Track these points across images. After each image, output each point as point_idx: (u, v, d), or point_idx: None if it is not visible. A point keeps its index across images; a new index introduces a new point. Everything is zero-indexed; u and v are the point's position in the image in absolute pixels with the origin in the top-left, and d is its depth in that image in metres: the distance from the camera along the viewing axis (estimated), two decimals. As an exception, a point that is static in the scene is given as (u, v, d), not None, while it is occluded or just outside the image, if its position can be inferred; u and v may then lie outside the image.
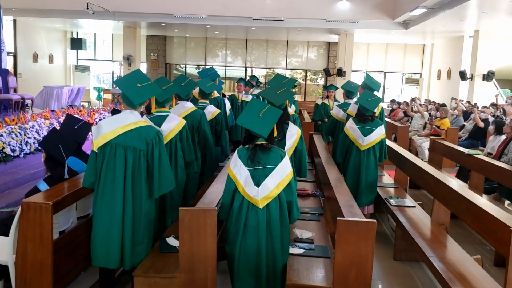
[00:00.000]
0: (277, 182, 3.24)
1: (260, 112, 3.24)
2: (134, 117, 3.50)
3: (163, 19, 15.37)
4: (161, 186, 3.50)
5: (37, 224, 3.26)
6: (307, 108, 14.98)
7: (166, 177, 3.51)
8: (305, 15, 14.65)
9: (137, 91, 3.45)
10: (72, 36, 20.60)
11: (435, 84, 19.41)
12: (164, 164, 3.50)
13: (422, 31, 16.01)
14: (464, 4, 10.86)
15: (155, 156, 3.46)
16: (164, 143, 3.65)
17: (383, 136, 5.63)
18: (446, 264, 3.75)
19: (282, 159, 3.28)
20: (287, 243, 3.41)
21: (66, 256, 3.75)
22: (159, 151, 3.48)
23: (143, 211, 3.49)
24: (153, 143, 3.46)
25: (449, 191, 4.43)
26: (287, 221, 3.37)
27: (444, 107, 10.90)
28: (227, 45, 21.39)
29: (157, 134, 3.52)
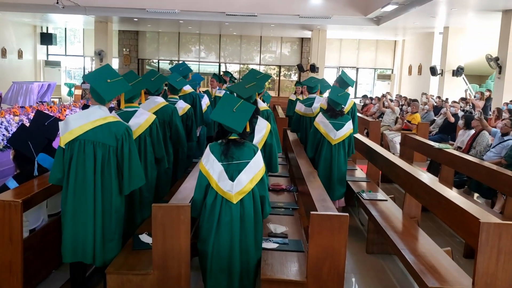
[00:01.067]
0: (251, 177, 3.24)
1: (234, 107, 3.24)
2: (103, 112, 3.44)
3: (135, 14, 15.16)
4: (131, 182, 3.47)
5: (6, 223, 3.19)
6: (281, 103, 15.06)
7: (136, 173, 3.48)
8: (278, 11, 14.67)
9: (107, 87, 3.39)
10: (42, 31, 20.15)
11: (406, 80, 19.71)
12: (134, 160, 3.47)
13: (393, 27, 16.23)
14: (434, 0, 11.04)
15: (124, 152, 3.42)
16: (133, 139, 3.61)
17: (351, 130, 5.72)
18: (417, 256, 3.82)
19: (255, 154, 3.30)
20: (261, 238, 3.43)
21: (37, 254, 3.67)
22: (129, 147, 3.44)
23: (113, 207, 3.45)
24: (123, 139, 3.41)
25: (420, 184, 4.52)
26: (260, 216, 3.38)
27: (415, 102, 11.09)
28: (201, 40, 21.26)
29: (127, 129, 3.48)
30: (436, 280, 3.31)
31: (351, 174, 6.73)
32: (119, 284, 3.15)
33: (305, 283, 3.17)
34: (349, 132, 5.67)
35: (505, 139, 6.62)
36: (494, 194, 6.18)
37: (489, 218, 3.14)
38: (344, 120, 5.64)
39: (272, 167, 4.25)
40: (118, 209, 3.49)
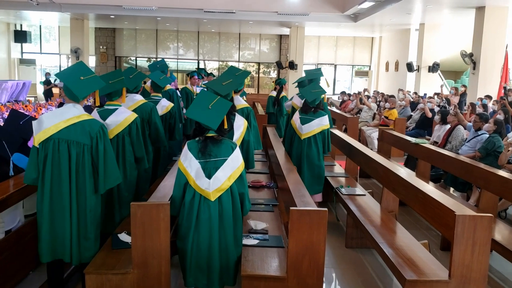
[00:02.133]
0: (229, 174, 3.24)
1: (209, 104, 3.22)
2: (76, 110, 3.37)
3: (112, 11, 14.98)
4: (107, 181, 3.42)
5: (-20, 224, 3.14)
6: (260, 100, 15.07)
7: (112, 172, 3.44)
8: (256, 8, 14.68)
9: (80, 84, 3.33)
10: (16, 28, 19.76)
11: (383, 76, 19.94)
12: (109, 158, 3.42)
13: (370, 24, 16.39)
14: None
15: (99, 150, 3.36)
16: (109, 137, 3.55)
17: (324, 127, 5.67)
18: (395, 249, 3.88)
19: (233, 150, 3.29)
20: (241, 236, 3.43)
21: (13, 256, 3.62)
22: (104, 145, 3.39)
23: (88, 206, 3.39)
24: (97, 137, 3.36)
25: (397, 179, 4.58)
26: (240, 213, 3.38)
27: (393, 98, 11.24)
28: (179, 38, 21.13)
29: (101, 127, 3.41)
30: (414, 272, 3.36)
31: (329, 169, 6.77)
32: (98, 284, 3.12)
33: (285, 278, 3.19)
34: (320, 128, 5.65)
35: (479, 133, 6.75)
36: (469, 187, 6.31)
37: (464, 210, 3.21)
38: (315, 116, 5.67)
39: (249, 164, 4.27)
40: (92, 208, 3.43)
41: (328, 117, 5.79)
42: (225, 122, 3.31)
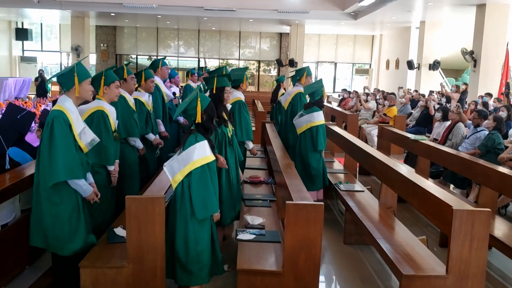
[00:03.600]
0: (181, 168, 3.19)
1: (187, 97, 3.29)
2: (58, 101, 3.37)
3: (113, 9, 14.96)
4: (47, 174, 3.20)
5: (-25, 218, 3.12)
6: (260, 98, 15.07)
7: (52, 165, 3.18)
8: (256, 6, 14.65)
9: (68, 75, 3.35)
10: (17, 26, 19.76)
11: (384, 74, 19.90)
12: (52, 151, 3.19)
13: (371, 22, 16.35)
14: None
15: (43, 140, 3.24)
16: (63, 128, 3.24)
17: (313, 124, 5.55)
18: (392, 245, 3.86)
19: (192, 145, 3.21)
20: (193, 238, 3.22)
21: (9, 250, 3.61)
22: (49, 135, 3.20)
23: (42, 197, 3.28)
24: (46, 126, 3.25)
25: (395, 174, 4.55)
26: (187, 212, 3.21)
27: (392, 95, 11.21)
28: (180, 36, 21.11)
29: (53, 118, 3.23)
30: (411, 267, 3.35)
31: (328, 166, 6.75)
32: (93, 278, 3.10)
33: (281, 273, 3.18)
34: (309, 124, 5.57)
35: (478, 130, 6.73)
36: (468, 184, 6.28)
37: (462, 205, 3.19)
38: (307, 112, 5.65)
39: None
40: (53, 202, 3.27)
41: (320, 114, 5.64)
42: (198, 115, 3.27)
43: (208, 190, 3.18)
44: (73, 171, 3.23)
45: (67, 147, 3.22)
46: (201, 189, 3.16)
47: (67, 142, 3.23)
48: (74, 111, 3.36)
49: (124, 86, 4.67)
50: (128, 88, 4.76)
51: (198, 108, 3.26)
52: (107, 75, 4.07)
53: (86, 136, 3.42)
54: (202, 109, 3.27)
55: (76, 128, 3.33)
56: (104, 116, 3.94)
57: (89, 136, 3.43)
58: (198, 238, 3.23)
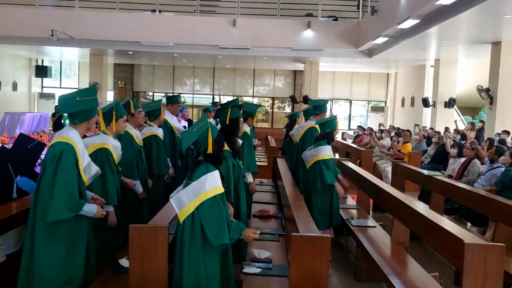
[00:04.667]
0: (193, 198, 3.05)
1: (196, 127, 3.20)
2: (62, 132, 3.30)
3: (130, 47, 15.31)
4: (50, 209, 3.08)
5: (-21, 245, 3.11)
6: (274, 134, 15.12)
7: (55, 201, 3.07)
8: (270, 44, 14.85)
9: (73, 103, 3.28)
10: (37, 63, 20.32)
11: (399, 111, 19.85)
12: (56, 186, 3.09)
13: (385, 60, 16.44)
14: (423, 33, 11.21)
15: (46, 174, 3.14)
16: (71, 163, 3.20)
17: (318, 158, 5.46)
18: (404, 282, 3.74)
19: (203, 175, 3.10)
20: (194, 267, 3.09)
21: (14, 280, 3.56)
22: (54, 169, 3.12)
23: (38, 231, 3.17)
24: (51, 159, 3.16)
25: (407, 208, 4.45)
26: (200, 242, 3.08)
27: (406, 132, 11.14)
28: (195, 74, 21.47)
29: (61, 151, 3.16)
30: (423, 305, 3.22)
31: (341, 202, 6.64)
32: (95, 309, 3.05)
33: (287, 308, 3.08)
34: (314, 159, 5.47)
35: (494, 166, 6.60)
36: (485, 221, 6.12)
37: (473, 239, 3.09)
38: (315, 145, 5.59)
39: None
40: (41, 239, 3.15)
41: (327, 148, 5.55)
42: (209, 146, 3.17)
43: (223, 219, 3.04)
44: (76, 207, 3.15)
45: (72, 183, 3.16)
46: (215, 219, 3.02)
47: (72, 179, 3.17)
48: (81, 144, 3.33)
49: (132, 121, 4.65)
50: (136, 122, 4.74)
51: (209, 138, 3.17)
52: (118, 109, 4.09)
53: (90, 170, 3.39)
54: (212, 139, 3.20)
55: (82, 163, 3.29)
56: (108, 155, 3.91)
57: (93, 170, 3.40)
58: (209, 274, 3.08)
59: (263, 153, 12.25)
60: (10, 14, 14.14)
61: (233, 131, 4.20)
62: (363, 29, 14.43)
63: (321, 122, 5.61)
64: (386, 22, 12.04)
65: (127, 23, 14.51)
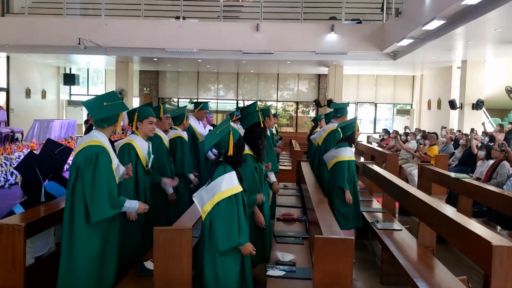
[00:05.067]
0: (210, 197, 3.18)
1: (218, 130, 3.32)
2: (92, 136, 3.39)
3: (155, 54, 15.51)
4: (93, 211, 3.21)
5: (9, 247, 3.19)
6: (298, 138, 15.09)
7: (97, 202, 3.20)
8: (294, 48, 14.84)
9: (101, 108, 3.39)
10: (65, 71, 20.76)
11: (425, 114, 19.55)
12: (96, 187, 3.21)
13: (411, 62, 16.23)
14: (449, 34, 11.03)
15: (87, 176, 3.23)
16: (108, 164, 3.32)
17: (338, 159, 5.50)
18: (431, 285, 3.67)
19: (220, 175, 3.22)
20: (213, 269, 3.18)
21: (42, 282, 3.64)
22: (93, 172, 3.22)
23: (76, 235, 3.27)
24: (88, 162, 3.25)
25: (434, 212, 4.38)
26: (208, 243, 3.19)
27: (432, 135, 10.96)
28: (219, 79, 21.61)
29: (97, 154, 3.28)
30: (450, 308, 3.16)
31: (366, 205, 6.60)
32: (120, 310, 3.09)
33: (310, 310, 3.06)
34: (334, 160, 5.53)
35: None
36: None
37: (502, 241, 3.01)
38: (336, 147, 5.66)
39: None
40: (82, 239, 3.26)
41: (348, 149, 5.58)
42: (230, 148, 3.30)
43: (233, 221, 3.14)
44: (117, 205, 3.30)
45: (111, 183, 3.30)
46: (225, 219, 3.13)
47: (111, 179, 3.31)
48: (109, 146, 3.45)
49: (159, 125, 4.78)
50: (161, 127, 4.88)
51: (231, 141, 3.30)
52: (141, 111, 4.20)
53: (119, 171, 3.51)
54: (233, 141, 3.31)
55: (114, 163, 3.42)
56: (131, 149, 4.04)
57: (121, 170, 3.52)
58: (226, 272, 3.17)
59: (288, 157, 12.23)
60: (38, 24, 14.51)
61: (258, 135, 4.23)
62: (388, 31, 14.30)
63: (342, 126, 5.62)
64: (410, 24, 11.90)
65: (152, 31, 14.73)
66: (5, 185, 6.51)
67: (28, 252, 3.57)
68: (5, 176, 6.52)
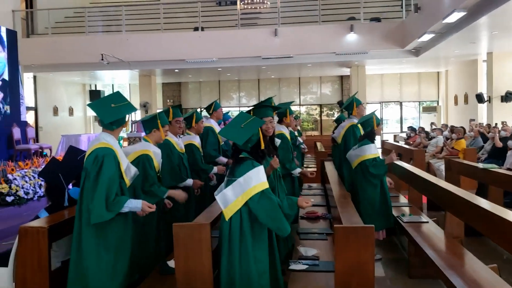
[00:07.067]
0: (239, 194, 3.08)
1: (242, 124, 3.21)
2: (100, 138, 3.40)
3: (176, 65, 15.73)
4: (91, 213, 3.19)
5: (34, 249, 3.26)
6: (322, 141, 14.99)
7: (96, 204, 3.17)
8: (313, 50, 14.78)
9: (109, 110, 3.37)
10: (91, 88, 21.21)
11: (453, 110, 19.18)
12: (97, 189, 3.19)
13: (434, 58, 15.96)
14: (472, 25, 10.80)
15: (90, 177, 3.23)
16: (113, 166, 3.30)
17: (364, 158, 5.34)
18: (461, 275, 3.57)
19: (249, 170, 3.11)
20: (246, 263, 3.11)
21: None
22: (97, 173, 3.21)
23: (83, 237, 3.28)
24: (93, 164, 3.24)
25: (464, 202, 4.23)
26: (249, 238, 3.12)
27: (459, 128, 10.74)
28: (240, 87, 21.71)
29: (104, 156, 3.26)
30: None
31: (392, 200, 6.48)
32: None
33: (334, 302, 3.01)
34: (359, 159, 5.37)
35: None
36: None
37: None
38: (359, 145, 5.48)
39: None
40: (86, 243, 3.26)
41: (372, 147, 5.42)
42: (261, 142, 3.23)
43: (276, 207, 3.08)
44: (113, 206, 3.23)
45: (112, 186, 3.24)
46: (268, 208, 3.06)
47: (113, 181, 3.26)
48: (118, 147, 3.44)
49: (170, 129, 4.70)
50: (172, 131, 4.83)
51: (261, 135, 3.25)
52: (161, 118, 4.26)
53: (130, 172, 3.50)
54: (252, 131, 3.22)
55: (123, 165, 3.40)
56: (150, 160, 4.07)
57: (132, 171, 3.51)
58: (260, 270, 3.11)
59: (312, 159, 12.18)
60: (62, 43, 14.91)
61: None
62: (408, 28, 14.12)
63: (361, 121, 5.51)
64: (430, 18, 11.72)
65: (172, 43, 14.94)
66: (34, 197, 6.65)
67: (54, 256, 3.63)
68: (33, 189, 6.66)
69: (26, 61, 14.55)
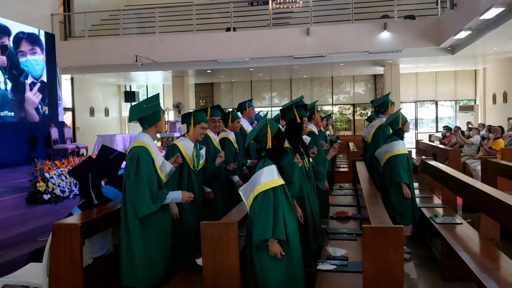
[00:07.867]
0: (251, 191, 3.27)
1: (258, 125, 3.44)
2: (138, 137, 3.64)
3: (208, 66, 15.85)
4: (138, 207, 3.44)
5: (67, 246, 3.34)
6: (355, 141, 14.85)
7: (142, 198, 3.42)
8: (346, 49, 14.64)
9: (140, 110, 3.61)
10: (126, 89, 21.63)
11: (491, 109, 18.64)
12: (139, 184, 3.43)
13: (471, 55, 15.54)
14: (510, 21, 10.47)
15: (130, 175, 3.48)
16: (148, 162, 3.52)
17: (391, 154, 5.40)
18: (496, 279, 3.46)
19: (260, 169, 3.30)
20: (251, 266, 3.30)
21: (101, 282, 3.78)
22: (135, 169, 3.46)
23: (131, 230, 3.53)
24: (130, 161, 3.50)
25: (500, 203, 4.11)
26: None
27: (497, 128, 10.42)
28: (272, 87, 21.70)
29: (139, 154, 3.50)
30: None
31: (426, 201, 6.39)
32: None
33: (362, 302, 2.97)
34: (387, 155, 5.43)
35: None
36: None
37: None
38: (388, 141, 5.53)
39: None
40: (136, 233, 3.50)
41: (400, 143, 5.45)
42: (268, 141, 3.37)
43: (267, 214, 3.14)
44: (158, 199, 3.46)
45: (151, 179, 3.47)
46: (260, 212, 3.16)
47: (151, 175, 3.48)
48: (153, 146, 3.64)
49: (209, 126, 4.96)
50: (210, 128, 5.13)
51: (268, 134, 3.37)
52: (195, 116, 4.35)
53: (165, 168, 3.66)
54: (271, 135, 3.37)
55: (157, 162, 3.59)
56: (174, 149, 4.23)
57: (168, 168, 3.67)
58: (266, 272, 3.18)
59: (345, 159, 12.08)
60: (98, 45, 15.27)
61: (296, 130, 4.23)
62: (443, 25, 13.80)
63: (389, 121, 5.49)
64: (467, 15, 11.42)
65: (204, 44, 15.07)
66: (70, 195, 6.82)
67: (87, 253, 3.72)
68: (69, 187, 6.83)
69: (64, 63, 14.98)
